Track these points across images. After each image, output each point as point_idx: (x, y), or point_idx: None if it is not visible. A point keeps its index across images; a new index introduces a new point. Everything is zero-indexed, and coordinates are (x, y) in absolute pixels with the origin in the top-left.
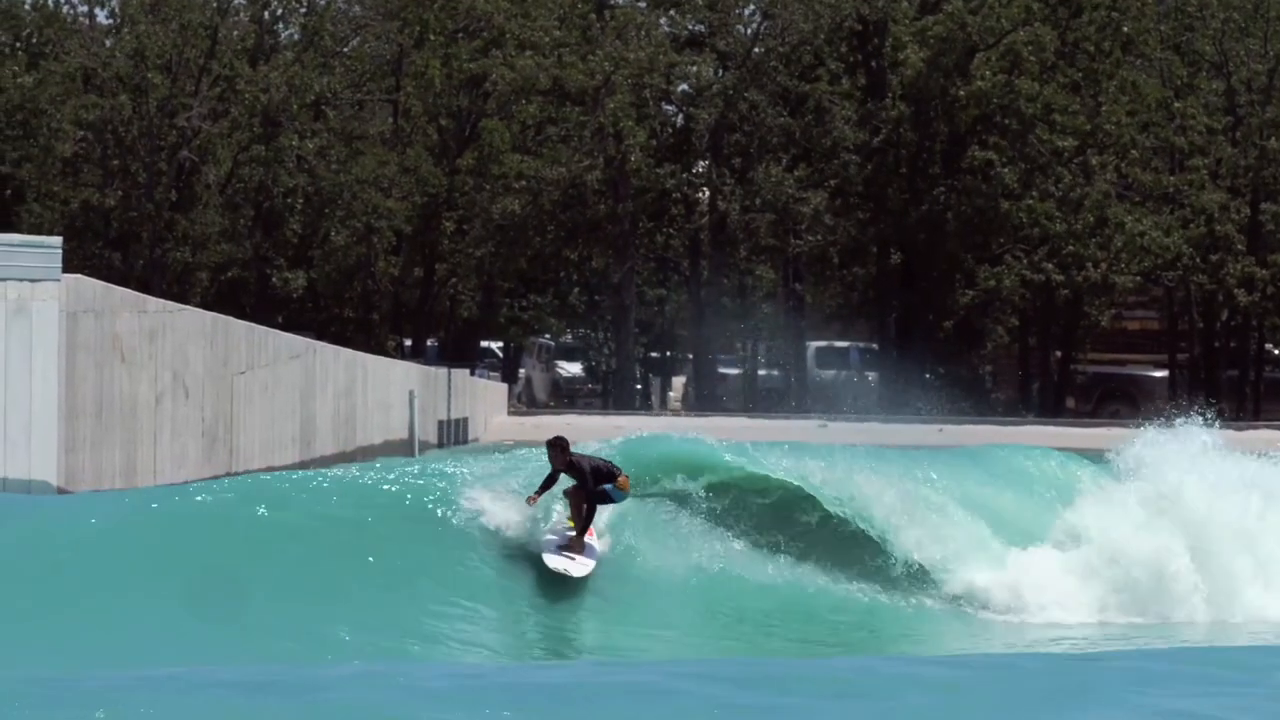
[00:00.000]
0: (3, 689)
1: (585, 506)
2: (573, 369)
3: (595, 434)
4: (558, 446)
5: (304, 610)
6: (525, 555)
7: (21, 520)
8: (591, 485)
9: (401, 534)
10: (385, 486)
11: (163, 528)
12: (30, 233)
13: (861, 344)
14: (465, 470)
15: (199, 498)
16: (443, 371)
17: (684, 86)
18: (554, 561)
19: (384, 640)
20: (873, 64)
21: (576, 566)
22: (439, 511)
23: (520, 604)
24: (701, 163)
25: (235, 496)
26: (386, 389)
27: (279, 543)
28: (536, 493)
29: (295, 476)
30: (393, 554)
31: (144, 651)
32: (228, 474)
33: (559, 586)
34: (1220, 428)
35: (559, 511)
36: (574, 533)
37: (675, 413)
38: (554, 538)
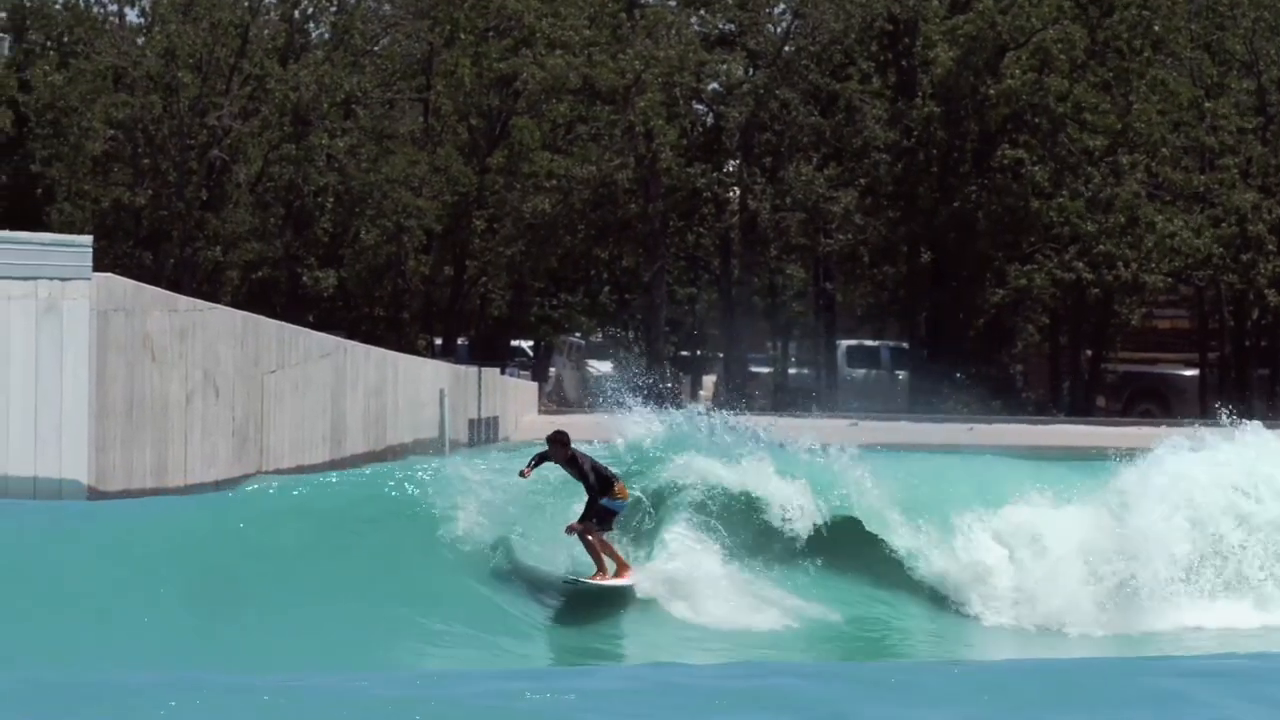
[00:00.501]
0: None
1: (595, 532)
2: (603, 368)
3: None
4: (559, 441)
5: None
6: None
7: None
8: (594, 482)
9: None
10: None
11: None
12: (61, 231)
13: (892, 343)
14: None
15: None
16: (473, 370)
17: (714, 85)
18: (587, 583)
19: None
20: (903, 63)
21: (614, 580)
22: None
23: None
24: (732, 162)
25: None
26: (417, 388)
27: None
28: (528, 466)
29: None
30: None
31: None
32: (258, 473)
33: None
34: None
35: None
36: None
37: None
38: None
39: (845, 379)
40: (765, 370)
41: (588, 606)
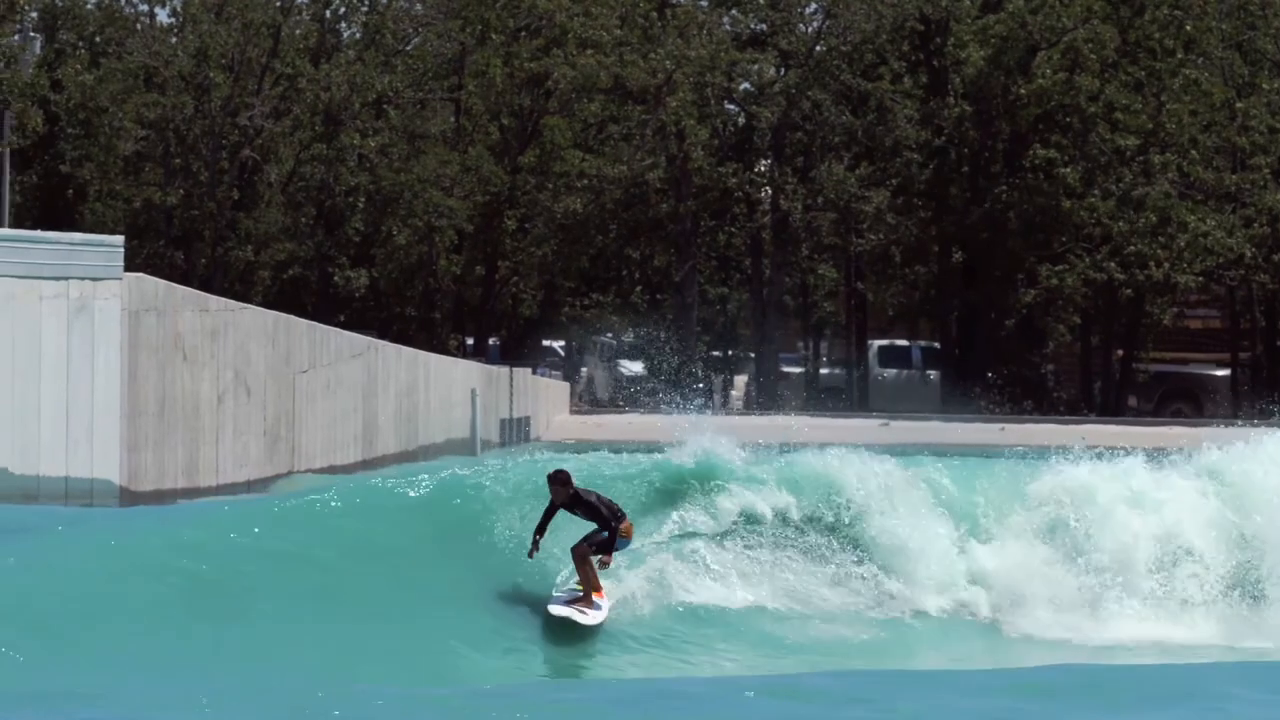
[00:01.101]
0: None
1: (591, 558)
2: (634, 368)
3: (657, 433)
4: (559, 481)
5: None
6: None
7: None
8: (607, 516)
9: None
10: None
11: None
12: (92, 231)
13: (923, 343)
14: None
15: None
16: (505, 370)
17: (746, 85)
18: (560, 610)
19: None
20: (935, 63)
21: (586, 617)
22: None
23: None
24: (763, 161)
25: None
26: (449, 388)
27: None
28: (534, 542)
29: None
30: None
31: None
32: (289, 473)
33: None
34: None
35: (564, 574)
36: (581, 592)
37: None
38: (562, 595)
39: (877, 379)
40: (797, 370)
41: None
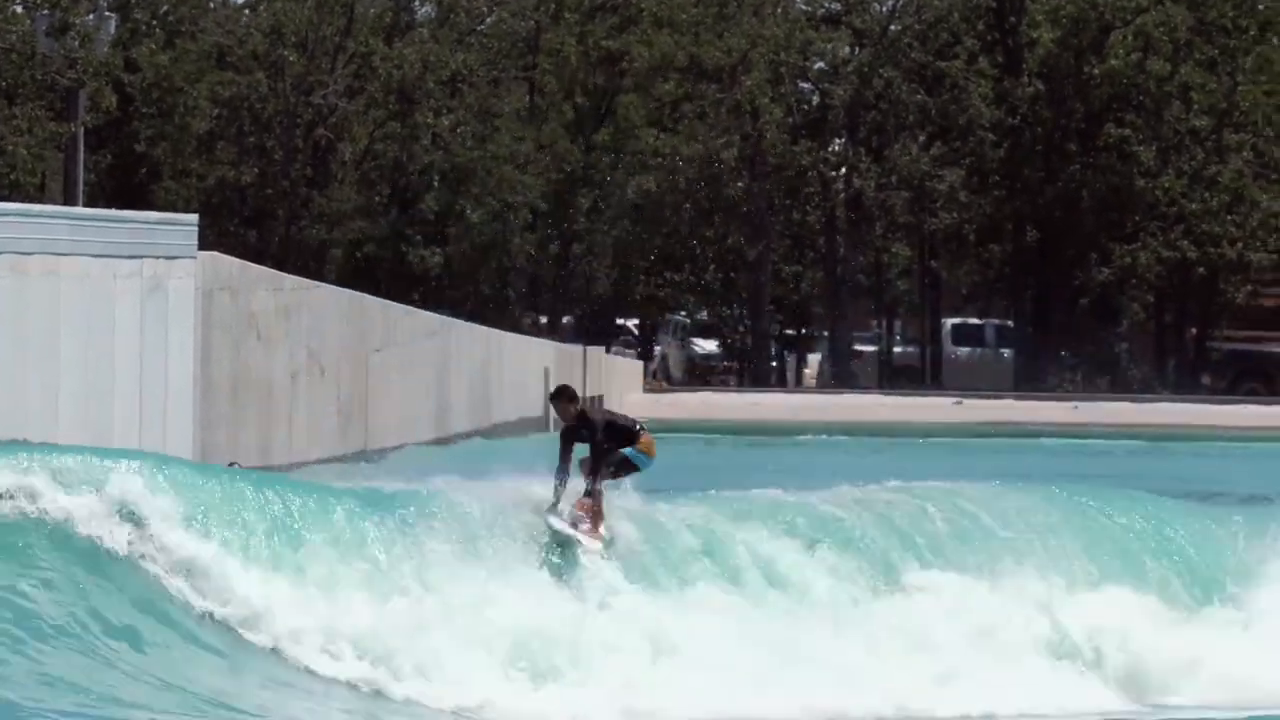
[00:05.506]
0: None
1: (597, 474)
2: (708, 346)
3: (732, 411)
4: (564, 397)
5: None
6: None
7: None
8: (602, 438)
9: None
10: None
11: None
12: (166, 210)
13: (997, 321)
14: None
15: None
16: (578, 349)
17: (820, 64)
18: (559, 524)
19: None
20: (1009, 42)
21: (586, 539)
22: None
23: None
24: (837, 140)
25: None
26: (522, 366)
27: None
28: (555, 492)
29: None
30: None
31: None
32: (362, 451)
33: None
34: None
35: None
36: (585, 518)
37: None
38: (563, 512)
39: (950, 357)
40: (870, 349)
41: None
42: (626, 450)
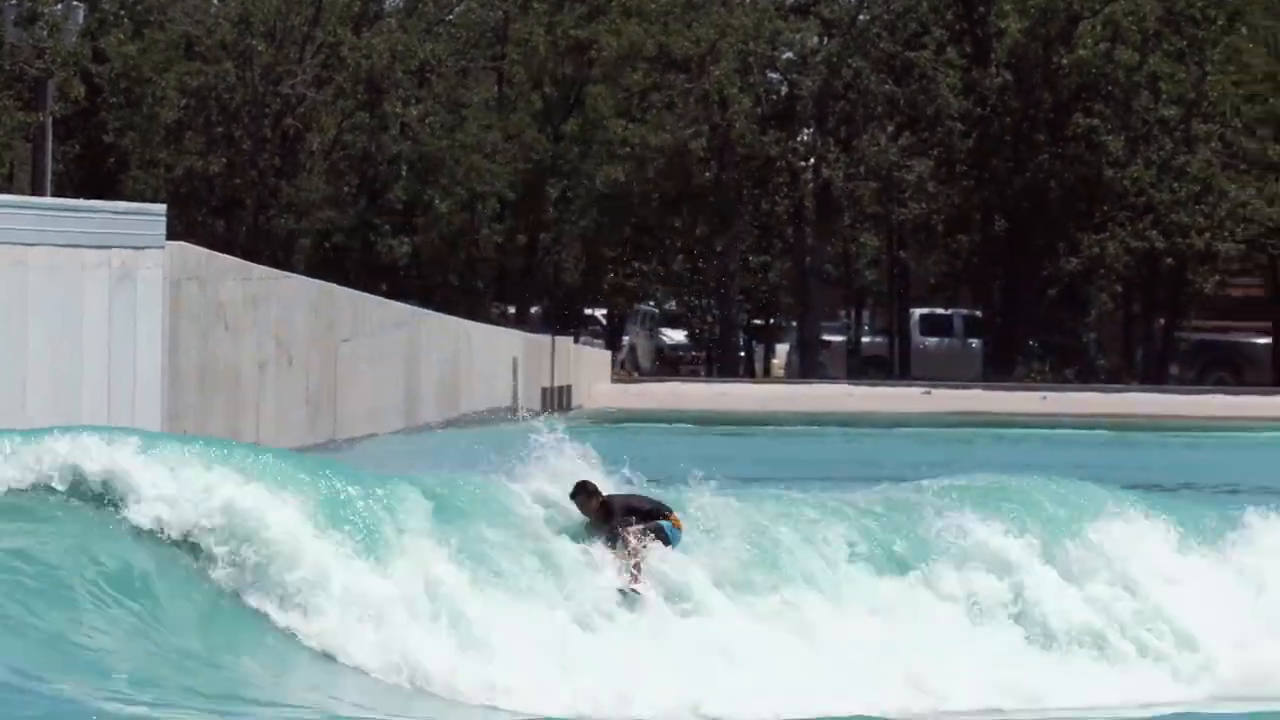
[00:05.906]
0: None
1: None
2: (676, 336)
3: (700, 401)
4: (584, 493)
5: None
6: None
7: None
8: (652, 509)
9: None
10: None
11: None
12: (134, 200)
13: (965, 311)
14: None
15: None
16: (546, 339)
17: (789, 54)
18: (627, 588)
19: None
20: (977, 32)
21: (640, 586)
22: None
23: None
24: (806, 130)
25: None
26: (491, 356)
27: None
28: (630, 575)
29: None
30: None
31: None
32: (330, 442)
33: None
34: None
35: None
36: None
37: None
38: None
39: (918, 347)
40: (839, 339)
41: None
42: (663, 523)
